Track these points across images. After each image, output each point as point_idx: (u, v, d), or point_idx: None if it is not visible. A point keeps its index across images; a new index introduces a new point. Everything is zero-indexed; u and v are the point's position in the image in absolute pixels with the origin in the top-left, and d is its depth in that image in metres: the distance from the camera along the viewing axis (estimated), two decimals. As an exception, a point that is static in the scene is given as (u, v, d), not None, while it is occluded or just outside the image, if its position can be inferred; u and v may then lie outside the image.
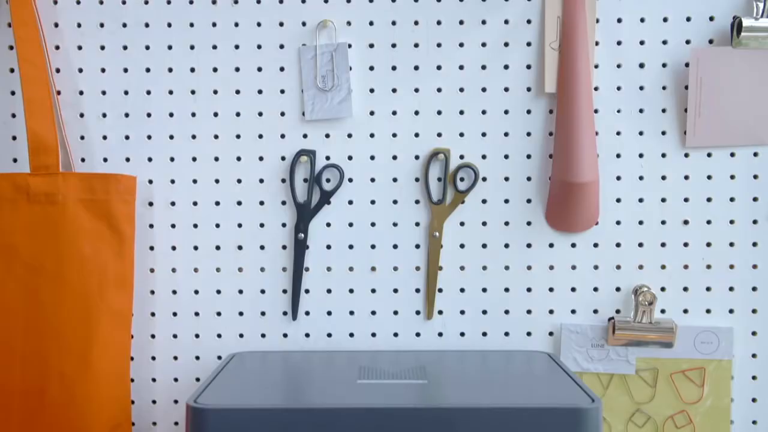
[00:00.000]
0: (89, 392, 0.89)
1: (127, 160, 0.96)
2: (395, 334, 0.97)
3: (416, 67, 0.95)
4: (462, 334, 0.97)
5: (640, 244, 0.96)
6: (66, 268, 0.89)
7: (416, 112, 0.96)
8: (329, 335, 0.97)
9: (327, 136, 0.96)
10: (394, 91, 0.95)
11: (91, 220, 0.90)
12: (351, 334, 0.97)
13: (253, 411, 0.70)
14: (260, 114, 0.96)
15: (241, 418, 0.70)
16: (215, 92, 0.96)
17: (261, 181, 0.96)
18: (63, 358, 0.88)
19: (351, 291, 0.97)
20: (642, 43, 0.94)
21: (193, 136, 0.96)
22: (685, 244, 0.96)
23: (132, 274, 0.93)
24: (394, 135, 0.96)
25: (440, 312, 0.97)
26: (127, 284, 0.93)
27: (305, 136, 0.96)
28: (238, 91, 0.96)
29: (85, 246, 0.89)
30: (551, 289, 0.97)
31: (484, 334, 0.97)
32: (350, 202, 0.97)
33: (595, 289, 0.96)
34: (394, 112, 0.96)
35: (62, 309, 0.89)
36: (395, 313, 0.97)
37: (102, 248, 0.90)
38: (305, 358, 0.91)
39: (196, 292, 0.97)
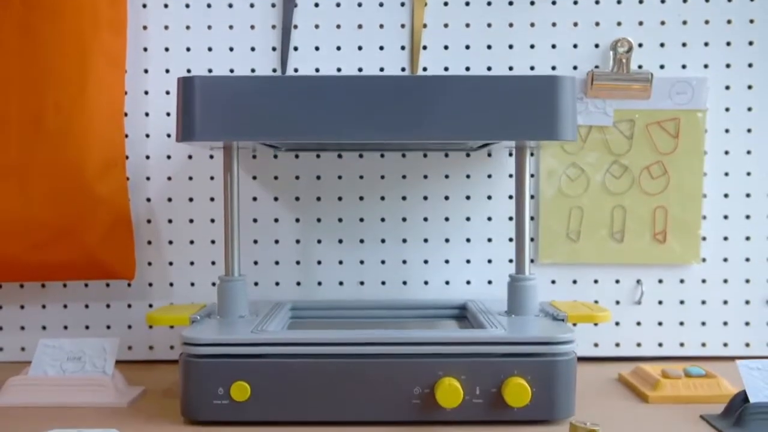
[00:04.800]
0: (84, 125, 0.92)
1: None
2: (381, 90, 1.00)
3: None
4: (446, 90, 1.00)
5: (618, 1, 0.99)
6: (60, 5, 0.91)
7: None
8: (317, 91, 1.00)
9: None
10: None
11: (84, -37, 0.93)
12: (338, 90, 1.00)
13: (239, 78, 0.73)
14: None
15: (228, 84, 0.73)
16: None
17: (250, -60, 0.99)
18: (59, 90, 0.91)
19: (338, 48, 1.00)
20: None
21: None
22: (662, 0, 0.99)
23: (125, 20, 0.96)
24: None
25: (425, 69, 1.00)
26: (121, 29, 0.95)
27: None
28: None
29: (79, -14, 0.92)
30: (532, 46, 0.99)
31: (467, 90, 1.00)
32: (337, -39, 0.99)
33: (575, 46, 0.99)
34: None
35: (57, 44, 0.91)
36: (381, 69, 1.00)
37: (95, -9, 0.93)
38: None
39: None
